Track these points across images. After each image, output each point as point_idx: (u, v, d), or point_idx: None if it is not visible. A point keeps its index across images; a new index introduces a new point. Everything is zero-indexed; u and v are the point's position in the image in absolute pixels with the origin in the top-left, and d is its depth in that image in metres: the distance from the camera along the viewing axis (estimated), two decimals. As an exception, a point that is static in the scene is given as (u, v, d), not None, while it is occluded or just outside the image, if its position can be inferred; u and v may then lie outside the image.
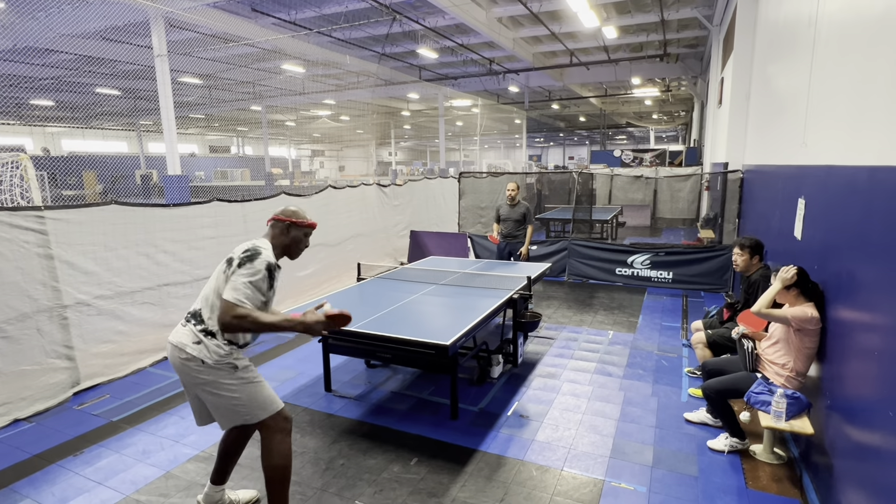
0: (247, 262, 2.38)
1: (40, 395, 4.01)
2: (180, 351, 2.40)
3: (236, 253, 2.45)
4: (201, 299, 2.48)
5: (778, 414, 2.93)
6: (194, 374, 2.40)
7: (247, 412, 2.46)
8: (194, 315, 2.46)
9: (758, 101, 6.73)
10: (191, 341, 2.39)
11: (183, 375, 2.46)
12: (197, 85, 19.65)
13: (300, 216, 2.60)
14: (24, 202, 5.47)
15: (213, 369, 2.39)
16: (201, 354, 2.37)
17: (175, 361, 2.44)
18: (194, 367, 2.39)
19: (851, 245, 2.48)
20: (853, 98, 2.61)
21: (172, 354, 2.44)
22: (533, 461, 3.25)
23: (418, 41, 15.40)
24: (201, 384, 2.42)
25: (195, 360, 2.38)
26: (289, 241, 2.59)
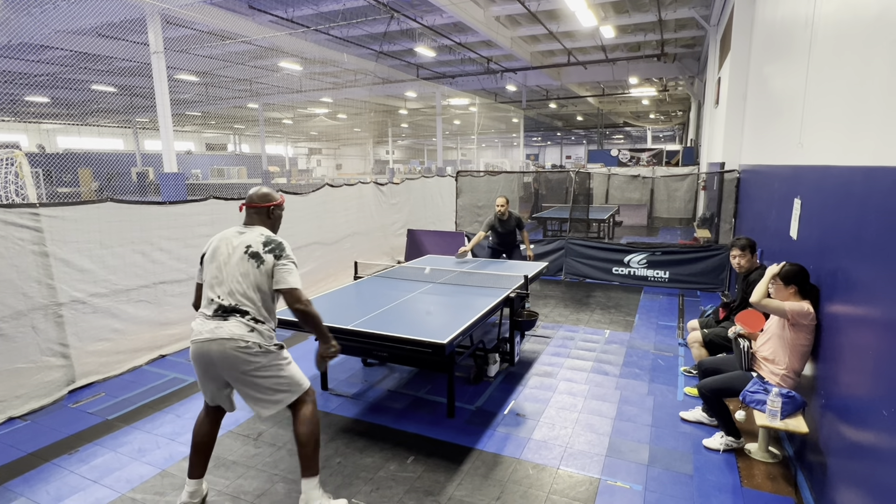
0: (280, 252, 2.59)
1: (35, 392, 3.99)
2: (235, 342, 2.48)
3: (255, 246, 2.57)
4: (230, 295, 2.53)
5: (773, 413, 2.95)
6: (250, 361, 2.50)
7: (289, 390, 2.63)
8: (233, 310, 2.52)
9: (754, 102, 6.75)
10: (245, 331, 2.50)
11: (233, 367, 2.51)
12: (194, 82, 19.57)
13: (274, 196, 2.78)
14: (19, 199, 5.43)
15: (267, 353, 2.55)
16: (259, 340, 2.53)
17: (224, 355, 2.49)
18: (251, 354, 2.51)
19: (847, 245, 2.49)
20: (849, 99, 2.62)
21: (220, 349, 2.49)
22: (529, 460, 3.26)
23: (416, 39, 15.38)
24: (254, 370, 2.53)
25: (253, 347, 2.51)
26: (274, 221, 2.80)
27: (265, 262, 2.55)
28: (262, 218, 2.74)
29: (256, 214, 2.73)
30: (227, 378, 2.59)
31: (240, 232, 2.66)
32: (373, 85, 19.54)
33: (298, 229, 6.88)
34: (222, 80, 20.27)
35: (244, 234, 2.64)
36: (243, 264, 2.55)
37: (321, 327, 2.64)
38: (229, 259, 2.57)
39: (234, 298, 2.54)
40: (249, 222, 2.72)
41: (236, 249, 2.58)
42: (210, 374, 2.60)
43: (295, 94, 21.03)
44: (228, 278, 2.55)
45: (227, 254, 2.59)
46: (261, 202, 2.74)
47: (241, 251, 2.57)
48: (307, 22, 13.32)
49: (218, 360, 2.52)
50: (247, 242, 2.59)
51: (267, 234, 2.65)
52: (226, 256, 2.58)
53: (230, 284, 2.54)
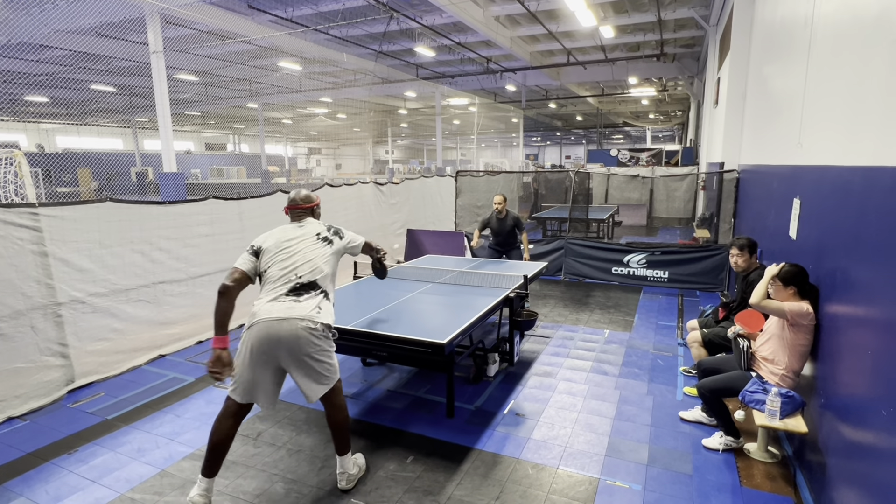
0: (343, 233, 3.10)
1: (34, 392, 3.99)
2: (304, 321, 2.66)
3: (323, 233, 3.00)
4: (309, 273, 2.82)
5: (772, 412, 2.95)
6: (315, 342, 2.70)
7: (332, 376, 2.82)
8: (304, 287, 2.77)
9: (754, 102, 6.75)
10: (315, 311, 2.72)
11: (298, 348, 2.66)
12: (193, 82, 19.55)
13: (314, 196, 3.16)
14: (19, 199, 5.43)
15: (326, 337, 2.77)
16: (324, 320, 2.75)
17: (294, 335, 2.64)
18: (318, 335, 2.71)
19: (846, 245, 2.49)
20: (848, 99, 2.62)
21: (290, 328, 2.64)
22: (529, 459, 3.26)
23: (415, 39, 15.37)
24: (316, 352, 2.71)
25: (320, 328, 2.72)
26: (317, 217, 3.19)
27: (334, 244, 2.98)
28: (308, 216, 3.10)
29: (304, 214, 3.09)
30: (286, 359, 2.70)
31: (300, 226, 2.99)
32: (372, 85, 19.54)
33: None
34: (222, 79, 20.25)
35: (304, 227, 2.99)
36: (316, 248, 2.90)
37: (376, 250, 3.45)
38: (300, 245, 2.88)
39: (312, 275, 2.82)
40: (300, 219, 3.07)
41: (305, 238, 2.91)
42: (270, 356, 2.68)
43: (294, 93, 21.03)
44: (303, 260, 2.83)
45: (294, 244, 2.87)
46: (306, 203, 3.10)
47: (311, 238, 2.92)
48: (306, 21, 13.31)
49: (286, 338, 2.65)
50: (315, 231, 2.97)
51: (327, 223, 3.08)
52: (294, 247, 2.86)
53: (307, 265, 2.82)
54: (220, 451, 2.77)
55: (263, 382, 2.75)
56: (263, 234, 2.96)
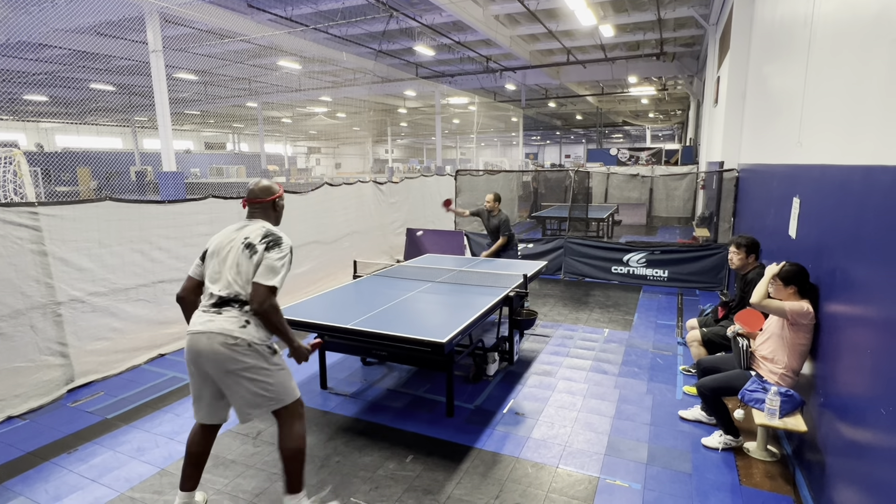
0: (274, 245, 2.51)
1: (34, 392, 3.99)
2: (225, 336, 2.41)
3: (253, 238, 2.52)
4: (227, 286, 2.49)
5: (772, 411, 2.95)
6: (238, 359, 2.42)
7: (275, 398, 2.54)
8: (227, 301, 2.47)
9: (754, 101, 6.75)
10: (237, 325, 2.43)
11: (218, 364, 2.43)
12: (192, 81, 19.54)
13: (275, 188, 2.74)
14: (18, 198, 5.42)
15: (257, 353, 2.46)
16: (250, 337, 2.45)
17: (212, 350, 2.42)
18: (240, 352, 2.42)
19: (845, 244, 2.49)
20: (848, 98, 2.62)
21: (208, 343, 2.42)
22: (528, 458, 3.26)
23: (415, 38, 15.36)
24: (241, 370, 2.44)
25: (242, 344, 2.42)
26: (278, 214, 2.78)
27: (257, 253, 2.49)
28: (267, 212, 2.72)
29: (260, 209, 2.70)
30: (214, 375, 2.50)
31: (242, 226, 2.64)
32: (372, 84, 19.51)
33: (297, 228, 6.88)
34: (221, 78, 20.23)
35: (245, 227, 2.62)
36: (239, 256, 2.51)
37: (285, 335, 2.54)
38: (228, 253, 2.54)
39: (230, 289, 2.49)
40: (252, 216, 2.70)
41: (235, 242, 2.55)
42: (200, 370, 2.51)
43: (294, 92, 21.02)
44: (226, 271, 2.51)
45: (227, 249, 2.56)
46: (265, 196, 2.70)
47: (239, 243, 2.54)
48: (306, 20, 13.30)
49: (205, 353, 2.44)
50: (245, 235, 2.56)
51: (268, 228, 2.61)
52: (226, 251, 2.56)
53: (227, 276, 2.50)
54: (196, 464, 2.66)
55: (204, 397, 2.59)
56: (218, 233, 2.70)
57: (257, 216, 2.69)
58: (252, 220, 2.67)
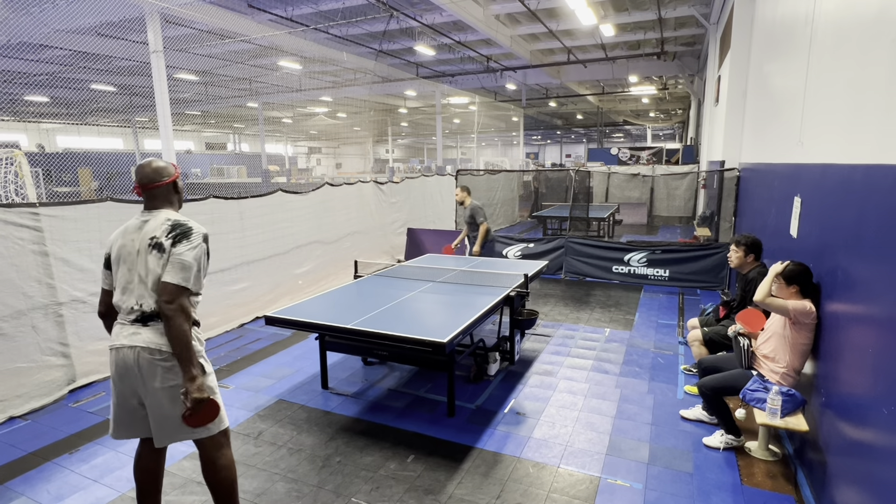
0: (182, 238, 2.17)
1: (36, 392, 3.99)
2: (150, 351, 2.15)
3: (159, 235, 2.18)
4: (143, 298, 2.18)
5: (773, 411, 2.95)
6: (161, 375, 2.17)
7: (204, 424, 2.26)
8: (151, 316, 2.19)
9: (755, 100, 6.74)
10: (165, 340, 2.17)
11: (140, 379, 2.18)
12: (193, 81, 19.55)
13: (170, 168, 2.34)
14: (19, 199, 5.43)
15: None
16: None
17: (137, 365, 2.17)
18: (165, 367, 2.17)
19: (847, 243, 2.49)
20: (849, 97, 2.61)
21: (129, 358, 2.17)
22: (529, 458, 3.26)
23: (415, 38, 15.35)
24: (165, 388, 2.18)
25: (171, 358, 2.15)
26: (180, 196, 2.41)
27: (165, 251, 2.15)
28: (168, 196, 2.32)
29: (161, 195, 2.29)
30: (140, 393, 2.22)
31: (143, 221, 2.24)
32: (372, 84, 19.51)
33: (298, 228, 6.88)
34: (222, 79, 20.23)
35: (147, 222, 2.23)
36: (149, 259, 2.16)
37: (185, 351, 2.11)
38: (137, 259, 2.20)
39: (152, 301, 2.17)
40: (151, 206, 2.29)
41: (141, 244, 2.19)
42: (127, 387, 2.23)
43: (294, 92, 21.01)
44: (139, 282, 2.19)
45: (134, 251, 2.20)
46: (160, 178, 2.27)
47: (145, 244, 2.18)
48: (306, 20, 13.30)
49: (132, 370, 2.18)
50: (151, 233, 2.18)
51: (174, 219, 2.23)
52: (133, 257, 2.20)
53: (143, 287, 2.18)
54: (149, 495, 2.41)
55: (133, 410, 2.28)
56: (116, 231, 2.34)
57: (158, 205, 2.29)
58: (152, 211, 2.27)
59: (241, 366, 4.80)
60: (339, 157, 46.57)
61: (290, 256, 6.73)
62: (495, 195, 13.75)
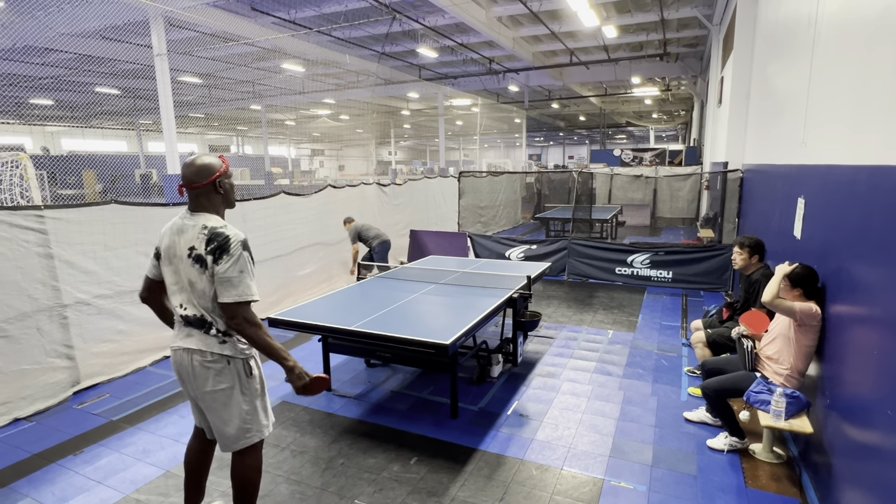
0: (221, 254, 2.11)
1: (40, 394, 4.01)
2: (202, 354, 2.18)
3: (198, 247, 2.13)
4: (191, 305, 2.20)
5: (777, 413, 2.94)
6: (213, 378, 2.20)
7: (254, 428, 2.30)
8: (197, 322, 2.20)
9: (757, 101, 6.73)
10: (215, 342, 2.19)
11: (196, 383, 2.23)
12: (196, 84, 19.64)
13: (216, 166, 2.23)
14: (24, 201, 5.47)
15: (234, 373, 2.22)
16: (231, 353, 2.21)
17: (190, 367, 2.21)
18: (217, 369, 2.19)
19: (851, 244, 2.48)
20: (853, 98, 2.61)
21: (184, 360, 2.22)
22: (533, 460, 3.26)
23: (418, 40, 15.39)
24: (217, 392, 2.21)
25: (222, 360, 2.19)
26: (224, 194, 2.27)
27: (208, 268, 2.12)
28: (209, 196, 2.22)
29: (201, 195, 2.21)
30: (194, 395, 2.28)
31: (184, 223, 2.22)
32: (375, 86, 19.56)
33: (301, 230, 6.90)
34: (225, 81, 20.32)
35: (185, 228, 2.19)
36: (191, 271, 2.15)
37: (268, 352, 2.17)
38: (179, 264, 2.20)
39: (194, 309, 2.19)
40: (194, 208, 2.22)
41: (180, 250, 2.18)
42: (186, 386, 2.30)
43: (297, 95, 21.08)
44: (185, 285, 2.20)
45: (177, 254, 2.20)
46: (201, 179, 2.17)
47: (184, 253, 2.16)
48: (309, 23, 13.35)
49: (185, 372, 2.23)
50: (190, 242, 2.15)
51: (210, 227, 2.14)
52: (176, 261, 2.21)
53: (188, 294, 2.19)
54: (195, 482, 2.50)
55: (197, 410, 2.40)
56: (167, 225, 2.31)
57: (200, 207, 2.21)
58: (193, 214, 2.21)
59: (245, 368, 4.81)
60: (341, 159, 46.67)
61: (292, 258, 6.75)
62: (498, 197, 13.76)
